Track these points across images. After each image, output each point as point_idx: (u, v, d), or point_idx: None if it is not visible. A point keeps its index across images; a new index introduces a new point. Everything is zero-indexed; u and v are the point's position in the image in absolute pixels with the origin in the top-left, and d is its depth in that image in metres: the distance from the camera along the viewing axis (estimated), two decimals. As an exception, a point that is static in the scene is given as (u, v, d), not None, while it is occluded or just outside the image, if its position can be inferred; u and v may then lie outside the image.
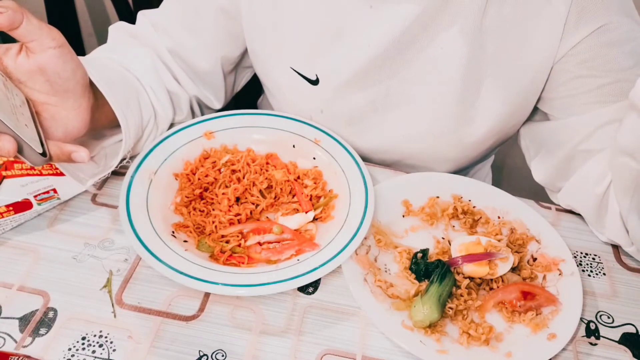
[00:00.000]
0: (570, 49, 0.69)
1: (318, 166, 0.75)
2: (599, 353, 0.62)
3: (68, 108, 0.57)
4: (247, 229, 0.67)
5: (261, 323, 0.61)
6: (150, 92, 0.74)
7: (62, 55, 0.54)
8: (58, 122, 0.57)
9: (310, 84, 0.77)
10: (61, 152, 0.56)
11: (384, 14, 0.69)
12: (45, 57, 0.53)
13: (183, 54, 0.79)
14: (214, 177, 0.72)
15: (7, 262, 0.62)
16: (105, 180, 0.73)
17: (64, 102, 0.57)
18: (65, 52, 0.55)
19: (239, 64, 0.87)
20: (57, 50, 0.54)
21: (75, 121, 0.58)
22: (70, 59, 0.55)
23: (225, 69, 0.84)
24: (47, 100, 0.56)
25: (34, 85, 0.55)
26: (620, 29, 0.67)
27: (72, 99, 0.57)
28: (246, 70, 0.90)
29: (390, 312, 0.62)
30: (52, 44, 0.53)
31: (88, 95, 0.59)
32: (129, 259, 0.64)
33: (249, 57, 0.84)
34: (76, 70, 0.56)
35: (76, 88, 0.57)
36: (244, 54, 0.85)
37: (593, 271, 0.71)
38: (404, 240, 0.71)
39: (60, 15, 1.61)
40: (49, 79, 0.55)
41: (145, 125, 0.72)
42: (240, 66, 0.88)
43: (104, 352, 0.56)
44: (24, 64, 0.54)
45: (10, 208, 0.63)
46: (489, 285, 0.66)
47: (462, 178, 0.78)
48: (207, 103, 0.85)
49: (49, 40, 0.53)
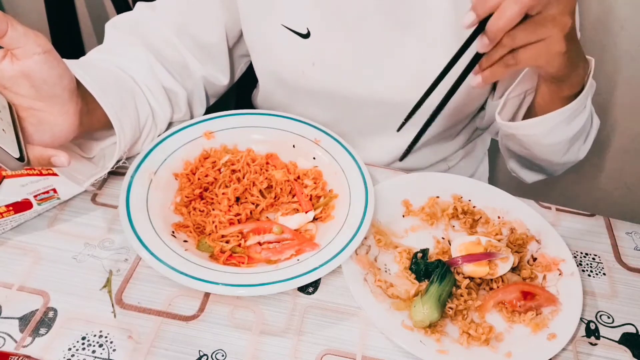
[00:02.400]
0: None
1: (318, 166, 0.75)
2: (599, 353, 0.62)
3: (55, 113, 0.57)
4: (247, 229, 0.67)
5: (261, 323, 0.61)
6: (147, 92, 0.74)
7: (48, 61, 0.54)
8: (44, 126, 0.57)
9: (301, 37, 0.78)
10: (41, 156, 0.56)
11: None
12: (31, 63, 0.53)
13: (189, 30, 0.79)
14: (214, 177, 0.72)
15: (7, 262, 0.62)
16: (105, 180, 0.73)
17: (50, 107, 0.56)
18: (51, 58, 0.54)
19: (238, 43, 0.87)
20: (43, 56, 0.53)
21: (62, 126, 0.58)
22: (57, 65, 0.55)
23: (230, 42, 0.84)
24: (32, 105, 0.56)
25: (19, 90, 0.55)
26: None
27: (58, 104, 0.57)
28: (242, 58, 0.91)
29: (390, 312, 0.62)
30: (38, 50, 0.53)
31: (76, 100, 0.59)
32: (129, 259, 0.64)
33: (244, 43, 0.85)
34: (62, 75, 0.56)
35: (63, 93, 0.57)
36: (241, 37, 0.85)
37: (593, 271, 0.71)
38: (404, 240, 0.71)
39: (60, 16, 1.61)
40: (34, 85, 0.54)
41: (143, 126, 0.72)
42: (237, 54, 0.89)
43: (104, 352, 0.56)
44: (8, 70, 0.54)
45: (10, 208, 0.63)
46: (489, 285, 0.66)
47: (462, 178, 0.78)
48: (214, 81, 0.85)
49: (35, 46, 0.53)
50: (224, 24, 0.81)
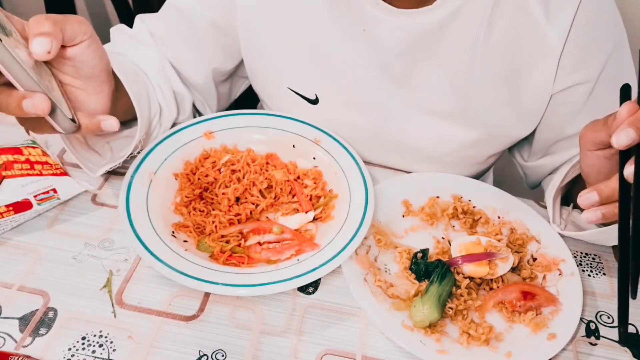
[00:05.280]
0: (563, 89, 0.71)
1: (318, 166, 0.75)
2: (599, 353, 0.62)
3: (91, 92, 0.58)
4: (247, 229, 0.67)
5: (261, 323, 0.61)
6: (158, 89, 0.75)
7: (90, 45, 0.55)
8: (80, 104, 0.58)
9: (310, 103, 0.78)
10: (90, 121, 0.57)
11: (377, 38, 0.69)
12: (76, 48, 0.55)
13: (176, 65, 0.80)
14: (214, 177, 0.72)
15: (7, 262, 0.62)
16: (105, 180, 0.73)
17: (87, 86, 0.58)
18: (93, 42, 0.56)
19: (235, 74, 0.88)
20: (87, 41, 0.55)
21: (96, 105, 0.59)
22: (97, 48, 0.56)
23: (217, 80, 0.85)
24: (71, 82, 0.57)
25: (61, 68, 0.56)
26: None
27: (95, 83, 0.58)
28: (243, 79, 0.91)
29: (390, 312, 0.62)
30: (84, 37, 0.54)
31: (110, 82, 0.61)
32: (129, 259, 0.64)
33: (244, 67, 0.84)
34: (102, 57, 0.58)
35: (101, 74, 0.58)
36: (238, 66, 0.85)
37: (593, 271, 0.71)
38: (404, 240, 0.71)
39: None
40: (75, 65, 0.56)
41: (152, 121, 0.72)
42: (237, 76, 0.89)
43: (104, 352, 0.56)
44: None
45: (10, 208, 0.63)
46: (489, 285, 0.66)
47: (462, 178, 0.78)
48: (200, 109, 0.86)
49: (82, 35, 0.54)
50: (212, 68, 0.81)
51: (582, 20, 0.66)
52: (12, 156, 0.67)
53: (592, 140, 0.57)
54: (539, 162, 0.82)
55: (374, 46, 0.70)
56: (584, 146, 0.58)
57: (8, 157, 0.67)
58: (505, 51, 0.69)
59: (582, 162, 0.60)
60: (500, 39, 0.68)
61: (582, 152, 0.60)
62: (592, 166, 0.59)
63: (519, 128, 0.77)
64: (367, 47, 0.71)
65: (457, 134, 0.75)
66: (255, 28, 0.76)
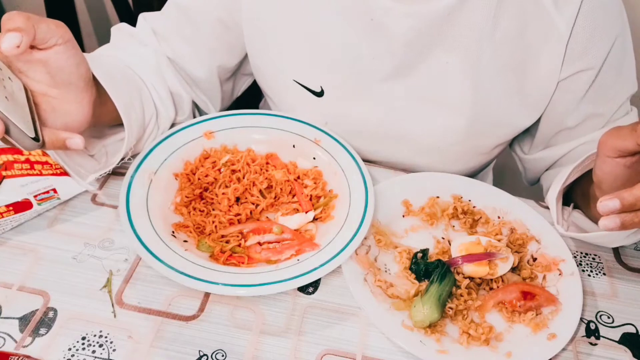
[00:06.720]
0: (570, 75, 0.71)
1: (318, 166, 0.75)
2: (599, 353, 0.62)
3: (69, 101, 0.57)
4: (247, 229, 0.67)
5: (261, 323, 0.61)
6: (153, 92, 0.74)
7: (67, 50, 0.54)
8: (58, 114, 0.57)
9: (315, 95, 0.77)
10: (56, 138, 0.56)
11: (385, 27, 0.69)
12: (51, 52, 0.53)
13: (180, 62, 0.79)
14: (214, 177, 0.72)
15: (7, 262, 0.62)
16: (105, 180, 0.73)
17: (65, 95, 0.57)
18: (70, 47, 0.54)
19: (238, 71, 0.87)
20: (63, 46, 0.54)
21: (75, 115, 0.58)
22: (75, 54, 0.55)
23: (222, 77, 0.84)
24: (47, 92, 0.56)
25: (35, 76, 0.55)
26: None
27: (73, 92, 0.57)
28: (246, 77, 0.90)
29: (390, 312, 0.62)
30: (60, 41, 0.53)
31: (90, 90, 0.59)
32: (129, 259, 0.64)
33: (248, 63, 0.84)
34: (79, 64, 0.56)
35: (78, 82, 0.57)
36: (242, 62, 0.85)
37: (593, 271, 0.71)
38: (404, 240, 0.71)
39: (60, 16, 1.61)
40: (50, 72, 0.55)
41: (147, 124, 0.72)
42: (239, 73, 0.88)
43: (104, 352, 0.56)
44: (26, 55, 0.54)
45: (10, 208, 0.63)
46: (489, 285, 0.66)
47: (462, 178, 0.78)
48: (203, 108, 0.86)
49: (57, 37, 0.53)
50: (217, 64, 0.81)
51: (588, 6, 0.67)
52: (12, 156, 0.67)
53: (614, 146, 0.55)
54: (538, 155, 0.83)
55: (382, 35, 0.70)
56: (604, 153, 0.57)
57: (8, 157, 0.67)
58: (513, 38, 0.69)
59: (598, 168, 0.59)
60: (508, 26, 0.68)
61: (599, 158, 0.58)
62: (609, 173, 0.58)
63: (524, 117, 0.77)
64: (375, 37, 0.70)
65: (464, 123, 0.75)
66: (260, 22, 0.75)
